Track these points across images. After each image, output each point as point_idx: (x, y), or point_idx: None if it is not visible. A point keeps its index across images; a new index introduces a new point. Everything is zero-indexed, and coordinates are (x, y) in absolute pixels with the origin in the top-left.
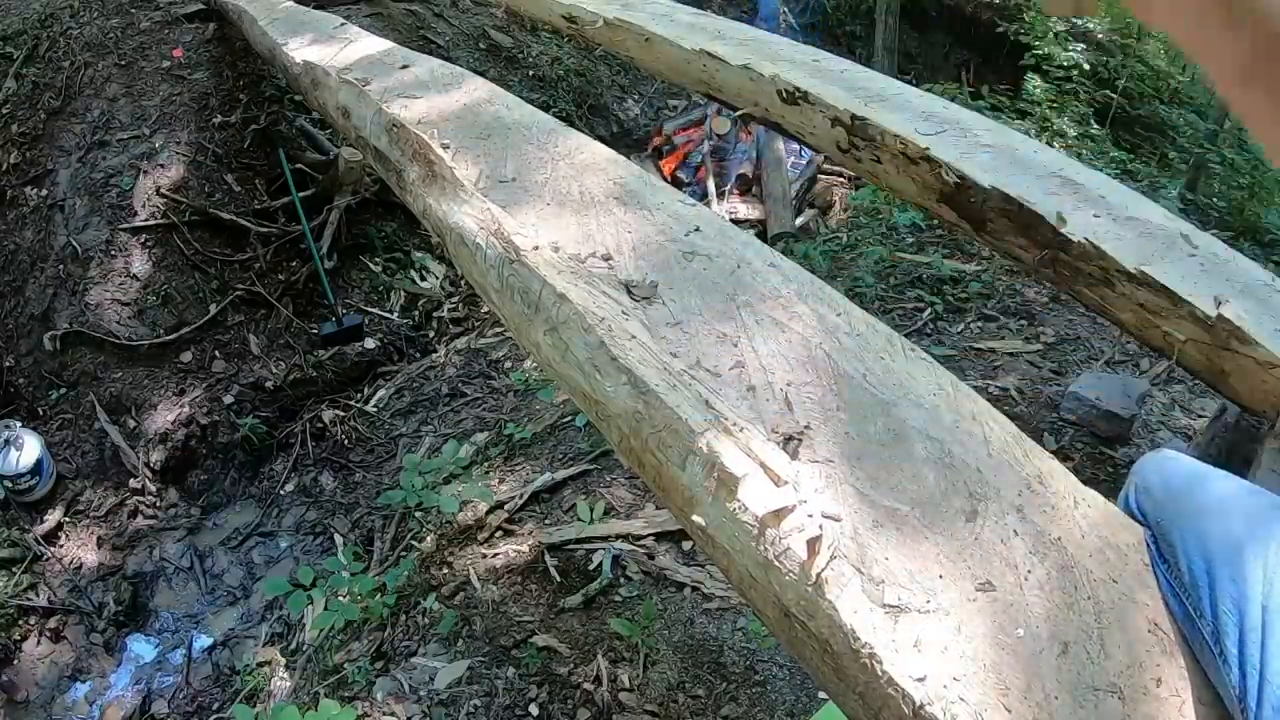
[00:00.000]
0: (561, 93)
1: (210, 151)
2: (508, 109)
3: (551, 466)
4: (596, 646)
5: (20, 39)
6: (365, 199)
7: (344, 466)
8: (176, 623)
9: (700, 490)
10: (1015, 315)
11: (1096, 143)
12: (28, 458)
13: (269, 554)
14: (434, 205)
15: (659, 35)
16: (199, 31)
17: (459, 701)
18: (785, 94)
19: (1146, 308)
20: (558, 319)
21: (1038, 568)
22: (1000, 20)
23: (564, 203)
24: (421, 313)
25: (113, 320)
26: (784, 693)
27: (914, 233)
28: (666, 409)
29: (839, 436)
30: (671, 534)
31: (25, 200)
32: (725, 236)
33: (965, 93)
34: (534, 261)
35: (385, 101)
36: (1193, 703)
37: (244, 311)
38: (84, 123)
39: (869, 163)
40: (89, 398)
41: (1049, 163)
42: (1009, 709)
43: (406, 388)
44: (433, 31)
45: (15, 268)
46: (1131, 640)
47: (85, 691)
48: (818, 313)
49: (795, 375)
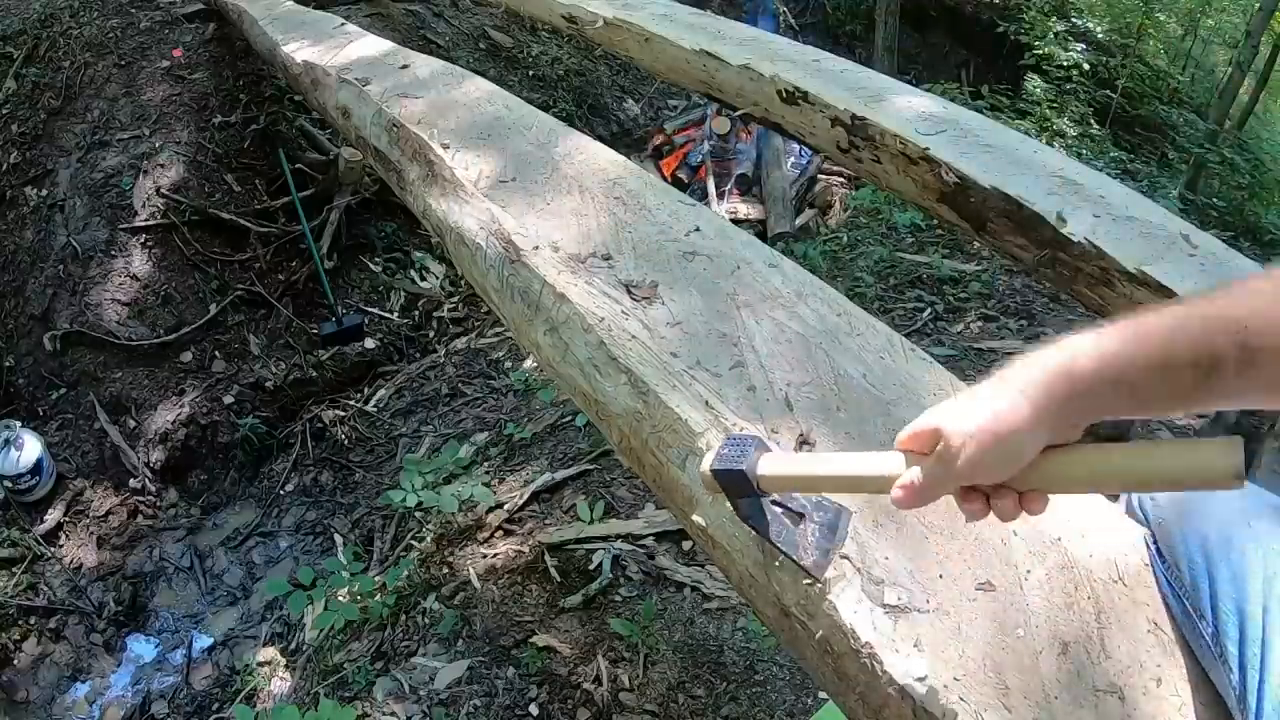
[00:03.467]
0: (561, 93)
1: (210, 151)
2: (508, 109)
3: (551, 466)
4: (596, 646)
5: (20, 39)
6: (365, 199)
7: (344, 466)
8: (176, 623)
9: (700, 490)
10: (1015, 315)
11: (1096, 143)
12: (28, 458)
13: (269, 554)
14: (434, 205)
15: (659, 35)
16: (199, 31)
17: (459, 701)
18: (785, 94)
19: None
20: (558, 319)
21: (1038, 568)
22: (1000, 20)
23: (564, 203)
24: (421, 313)
25: (113, 320)
26: (784, 693)
27: (914, 233)
28: (666, 409)
29: (839, 436)
30: (671, 534)
31: (25, 200)
32: (725, 236)
33: (965, 93)
34: (534, 261)
35: (385, 101)
36: (1192, 703)
37: (244, 311)
38: (84, 123)
39: (869, 163)
40: (89, 398)
41: (1049, 163)
42: (1009, 709)
43: (406, 388)
44: (433, 31)
45: (15, 268)
46: (1131, 640)
47: (85, 691)
48: (818, 313)
49: (795, 375)
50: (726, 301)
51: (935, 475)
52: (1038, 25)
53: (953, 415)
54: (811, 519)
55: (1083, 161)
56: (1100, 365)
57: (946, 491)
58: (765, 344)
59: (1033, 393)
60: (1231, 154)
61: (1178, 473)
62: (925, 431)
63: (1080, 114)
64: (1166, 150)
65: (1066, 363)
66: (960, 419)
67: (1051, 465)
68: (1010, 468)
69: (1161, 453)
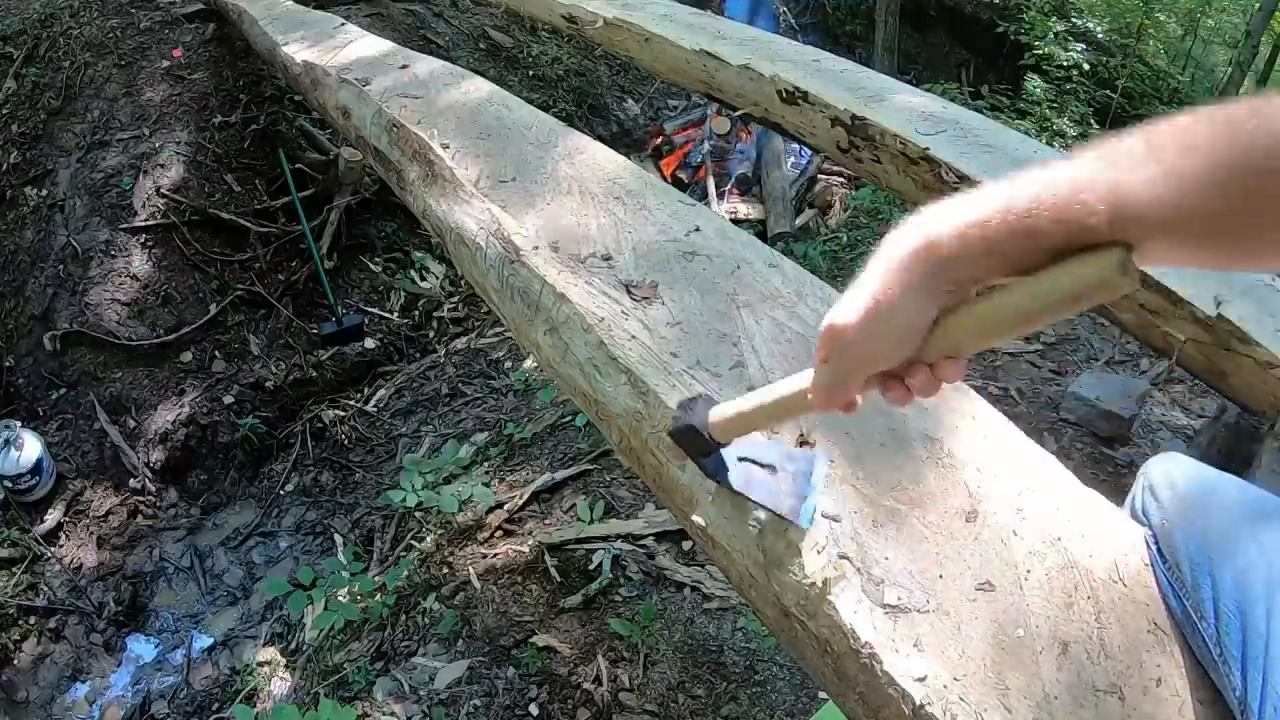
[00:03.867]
0: (561, 93)
1: (210, 151)
2: (508, 109)
3: (551, 466)
4: (596, 646)
5: (20, 39)
6: (365, 199)
7: (344, 466)
8: (176, 623)
9: (700, 490)
10: None
11: None
12: (28, 458)
13: (269, 554)
14: (434, 205)
15: (659, 35)
16: (199, 31)
17: (459, 701)
18: (785, 94)
19: (1146, 308)
20: (558, 319)
21: (1038, 568)
22: (1000, 20)
23: (564, 203)
24: (421, 313)
25: (113, 320)
26: (784, 693)
27: None
28: (666, 409)
29: (839, 436)
30: (671, 534)
31: (25, 200)
32: (725, 236)
33: (965, 93)
34: (534, 261)
35: (385, 101)
36: (1193, 703)
37: (244, 311)
38: (84, 123)
39: (869, 163)
40: (89, 398)
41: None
42: (1009, 709)
43: (406, 388)
44: (433, 31)
45: (15, 268)
46: (1131, 640)
47: (85, 691)
48: (818, 313)
49: None
50: (726, 301)
51: (837, 370)
52: (1038, 25)
53: (838, 309)
54: (784, 469)
55: None
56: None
57: (856, 382)
58: (765, 344)
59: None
60: None
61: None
62: (821, 334)
63: (1080, 114)
64: None
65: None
66: (843, 311)
67: (947, 329)
68: (905, 345)
69: (1045, 277)
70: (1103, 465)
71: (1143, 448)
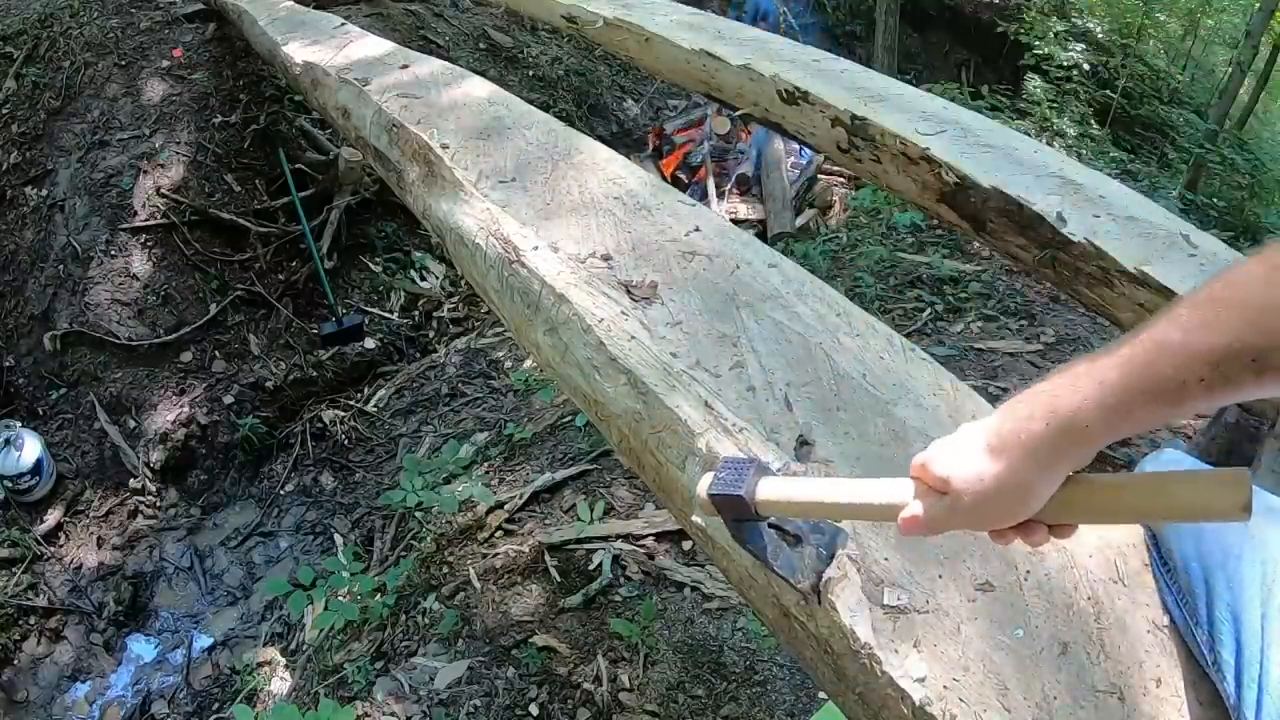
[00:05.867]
0: (561, 93)
1: (210, 151)
2: (508, 109)
3: (551, 466)
4: (596, 646)
5: (20, 39)
6: (365, 199)
7: (344, 466)
8: (176, 623)
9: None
10: (1015, 315)
11: (1096, 143)
12: (28, 458)
13: (269, 554)
14: (434, 205)
15: (659, 35)
16: (199, 31)
17: (459, 701)
18: (785, 94)
19: (1146, 308)
20: (557, 319)
21: (1037, 568)
22: (1000, 20)
23: (564, 203)
24: (421, 313)
25: (113, 320)
26: (784, 693)
27: (914, 233)
28: (666, 409)
29: (839, 436)
30: (671, 534)
31: (25, 200)
32: (725, 236)
33: (965, 93)
34: (533, 262)
35: (385, 101)
36: (1193, 703)
37: (244, 311)
38: (84, 123)
39: (869, 163)
40: (89, 398)
41: (1049, 163)
42: (1009, 709)
43: (406, 388)
44: (433, 31)
45: (15, 268)
46: (1131, 640)
47: (85, 691)
48: (818, 313)
49: (795, 375)
50: (726, 301)
51: (942, 519)
52: (1038, 25)
53: (962, 469)
54: (808, 541)
55: (1083, 162)
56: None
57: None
58: (765, 344)
59: (1034, 451)
60: (1231, 154)
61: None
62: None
63: (1080, 114)
64: (1166, 150)
65: (1069, 414)
66: (969, 479)
67: (1067, 502)
68: (1022, 515)
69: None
70: (1102, 465)
71: (1143, 447)
